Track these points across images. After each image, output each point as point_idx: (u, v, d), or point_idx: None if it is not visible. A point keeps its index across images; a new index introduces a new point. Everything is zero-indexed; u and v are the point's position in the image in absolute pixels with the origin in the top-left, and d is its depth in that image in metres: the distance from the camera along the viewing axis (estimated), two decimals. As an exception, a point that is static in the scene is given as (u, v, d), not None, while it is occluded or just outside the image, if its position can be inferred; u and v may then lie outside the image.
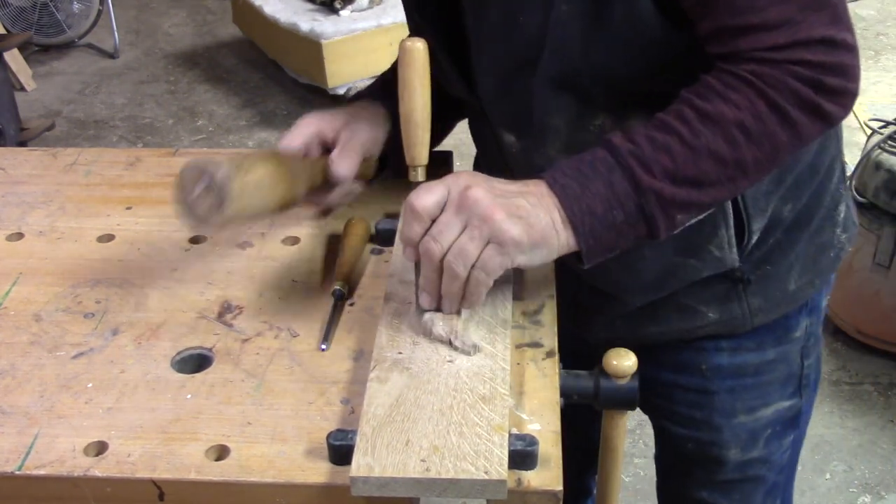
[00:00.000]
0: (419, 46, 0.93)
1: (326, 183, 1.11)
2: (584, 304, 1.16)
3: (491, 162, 1.17)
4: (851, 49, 0.89)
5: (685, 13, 0.91)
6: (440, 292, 0.93)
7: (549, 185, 0.90)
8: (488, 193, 0.88)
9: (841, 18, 0.88)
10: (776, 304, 1.14)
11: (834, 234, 1.16)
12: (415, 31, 1.12)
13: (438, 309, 0.95)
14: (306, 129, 1.11)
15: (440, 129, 1.27)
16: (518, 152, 1.09)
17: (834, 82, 0.88)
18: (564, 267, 1.07)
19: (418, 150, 0.96)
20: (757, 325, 1.14)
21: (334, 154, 1.10)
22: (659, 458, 1.42)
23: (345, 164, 1.10)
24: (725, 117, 0.88)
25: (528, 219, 0.88)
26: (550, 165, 1.05)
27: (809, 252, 1.13)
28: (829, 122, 0.91)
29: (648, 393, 1.26)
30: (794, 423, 1.27)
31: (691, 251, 1.07)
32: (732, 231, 1.06)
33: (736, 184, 0.92)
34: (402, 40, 0.93)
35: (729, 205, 1.04)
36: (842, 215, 1.17)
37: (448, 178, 0.91)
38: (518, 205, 0.89)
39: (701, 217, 0.95)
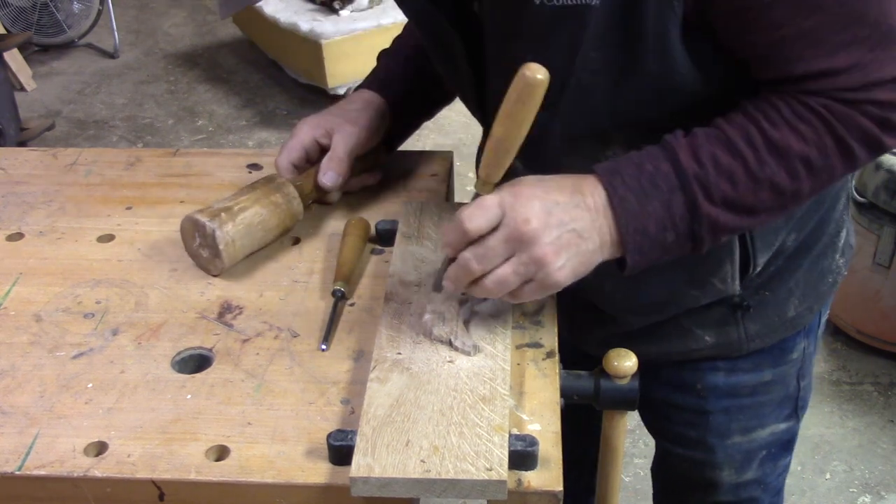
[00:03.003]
0: (540, 80, 0.84)
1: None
2: (578, 319, 1.16)
3: None
4: None
5: (723, 55, 0.89)
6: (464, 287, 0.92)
7: (609, 196, 0.88)
8: (545, 229, 0.86)
9: None
10: (773, 330, 1.13)
11: (834, 260, 1.15)
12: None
13: (439, 310, 0.95)
14: (303, 139, 1.16)
15: (424, 117, 1.29)
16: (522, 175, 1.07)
17: None
18: None
19: (498, 171, 0.92)
20: (753, 349, 1.14)
21: (322, 163, 1.15)
22: (656, 474, 1.42)
23: (330, 174, 1.15)
24: (792, 150, 0.87)
25: (578, 255, 0.88)
26: None
27: (810, 279, 1.13)
28: (883, 153, 0.91)
29: (646, 410, 1.26)
30: (790, 445, 1.27)
31: (695, 283, 1.07)
32: (738, 265, 1.05)
33: (787, 209, 0.92)
34: (523, 67, 0.84)
35: (736, 242, 1.03)
36: (842, 241, 1.16)
37: (506, 196, 0.88)
38: (570, 239, 0.87)
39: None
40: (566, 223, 0.87)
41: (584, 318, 1.15)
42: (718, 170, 0.88)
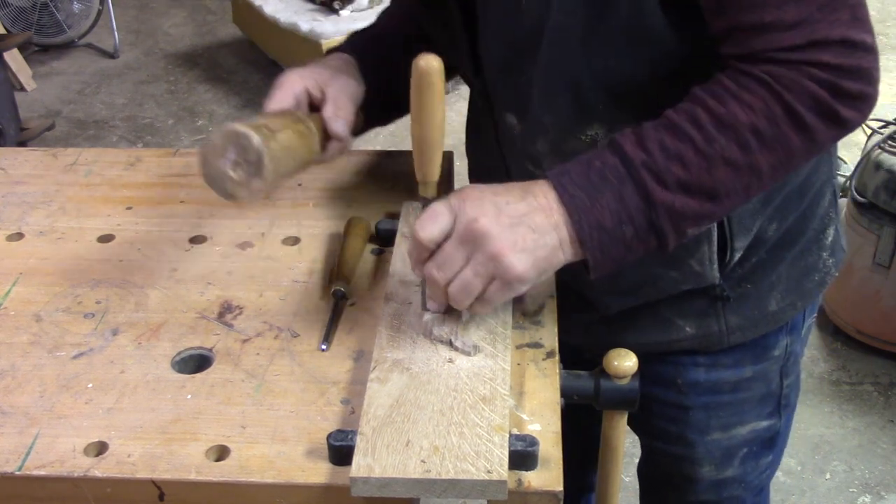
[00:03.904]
0: (436, 66, 0.86)
1: (325, 139, 1.10)
2: (563, 307, 1.15)
3: (485, 148, 1.16)
4: (871, 51, 0.86)
5: (695, 11, 0.88)
6: (446, 303, 0.92)
7: (559, 195, 0.88)
8: (495, 225, 0.86)
9: (861, 19, 0.85)
10: (754, 324, 1.13)
11: (820, 258, 1.15)
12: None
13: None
14: (294, 88, 1.08)
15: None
16: (517, 135, 1.06)
17: (852, 86, 0.85)
18: None
19: (431, 168, 0.93)
20: (734, 343, 1.14)
21: (329, 112, 1.08)
22: (641, 473, 1.42)
23: (342, 121, 1.08)
24: (739, 120, 0.86)
25: (536, 250, 0.87)
26: (541, 159, 1.03)
27: (793, 274, 1.12)
28: (846, 128, 0.88)
29: None
30: (772, 444, 1.26)
31: (672, 263, 1.06)
32: (715, 247, 1.04)
33: (750, 191, 0.90)
34: (416, 59, 0.87)
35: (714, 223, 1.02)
36: (829, 239, 1.15)
37: (454, 202, 0.88)
38: (524, 234, 0.87)
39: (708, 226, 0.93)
40: (518, 219, 0.87)
41: (567, 304, 1.14)
42: (666, 154, 0.87)
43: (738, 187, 0.88)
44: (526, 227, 0.87)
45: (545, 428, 0.87)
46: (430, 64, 0.86)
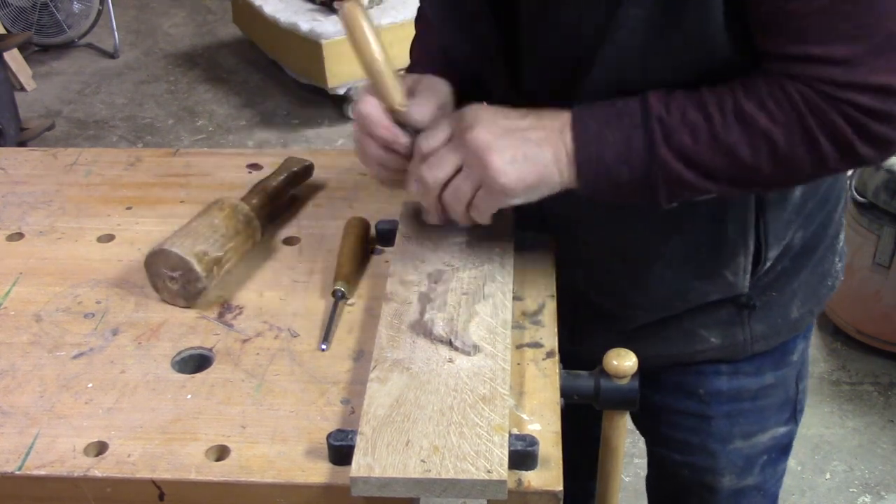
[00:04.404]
0: (354, 4, 0.94)
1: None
2: (582, 323, 1.15)
3: None
4: None
5: (749, 33, 0.88)
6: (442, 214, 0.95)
7: (573, 118, 0.89)
8: (487, 134, 0.88)
9: None
10: (777, 332, 1.13)
11: (833, 263, 1.16)
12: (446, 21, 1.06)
13: (439, 310, 0.95)
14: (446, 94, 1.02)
15: None
16: None
17: (878, 129, 0.85)
18: (566, 285, 1.06)
19: (387, 93, 0.95)
20: (756, 351, 1.14)
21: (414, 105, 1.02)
22: (652, 484, 1.40)
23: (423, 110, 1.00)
24: (758, 123, 0.86)
25: (526, 162, 0.88)
26: None
27: (812, 281, 1.13)
28: (862, 163, 0.89)
29: (644, 416, 1.25)
30: (788, 450, 1.27)
31: (707, 275, 1.06)
32: (751, 258, 1.05)
33: (744, 188, 0.91)
34: (342, 6, 0.94)
35: (752, 233, 1.03)
36: (840, 244, 1.16)
37: (454, 114, 0.92)
38: (517, 146, 0.88)
39: (703, 198, 0.93)
40: (513, 132, 0.89)
41: (588, 320, 1.14)
42: (684, 120, 0.88)
43: (734, 178, 0.89)
44: (520, 139, 0.89)
45: (545, 428, 0.87)
46: (350, 8, 0.94)
